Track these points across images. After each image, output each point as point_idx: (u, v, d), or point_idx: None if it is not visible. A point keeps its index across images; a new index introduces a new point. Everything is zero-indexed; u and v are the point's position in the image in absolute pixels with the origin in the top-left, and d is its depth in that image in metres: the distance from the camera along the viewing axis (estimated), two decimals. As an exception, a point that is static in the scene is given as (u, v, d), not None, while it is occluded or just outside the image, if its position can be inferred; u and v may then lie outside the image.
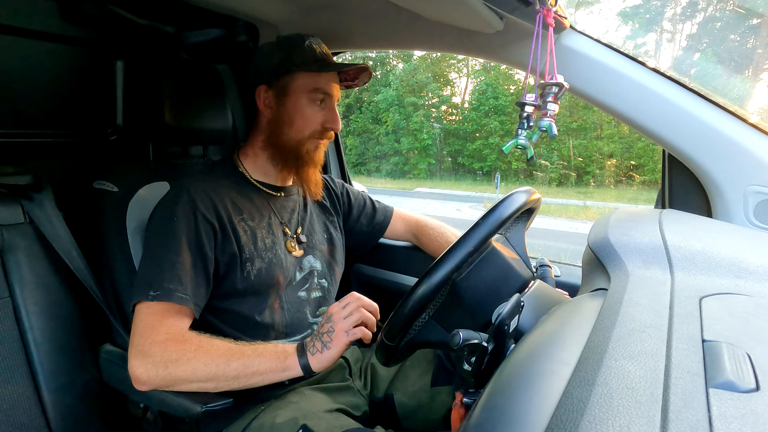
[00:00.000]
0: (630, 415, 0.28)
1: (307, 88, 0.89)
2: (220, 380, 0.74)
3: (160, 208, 0.86)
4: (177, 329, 0.76)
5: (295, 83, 0.89)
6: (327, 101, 0.92)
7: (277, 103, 0.91)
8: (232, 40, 1.31)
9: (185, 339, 0.75)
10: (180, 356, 0.72)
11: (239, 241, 0.86)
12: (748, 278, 0.49)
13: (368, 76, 0.95)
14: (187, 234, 0.81)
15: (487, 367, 0.58)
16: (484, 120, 16.72)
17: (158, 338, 0.74)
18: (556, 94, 0.74)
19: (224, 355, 0.74)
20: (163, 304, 0.76)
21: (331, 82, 0.92)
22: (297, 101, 0.90)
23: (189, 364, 0.72)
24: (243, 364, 0.74)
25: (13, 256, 0.84)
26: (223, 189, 0.89)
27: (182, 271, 0.78)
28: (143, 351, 0.73)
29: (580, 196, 12.21)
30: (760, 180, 0.81)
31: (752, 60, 12.57)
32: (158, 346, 0.73)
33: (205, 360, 0.73)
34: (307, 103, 0.90)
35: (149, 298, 0.76)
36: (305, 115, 0.90)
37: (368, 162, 19.19)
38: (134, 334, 0.76)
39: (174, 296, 0.76)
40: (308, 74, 0.89)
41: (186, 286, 0.78)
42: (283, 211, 0.97)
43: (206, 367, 0.72)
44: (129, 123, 1.19)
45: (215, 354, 0.74)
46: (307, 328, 0.94)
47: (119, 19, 1.13)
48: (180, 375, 0.72)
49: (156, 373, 0.72)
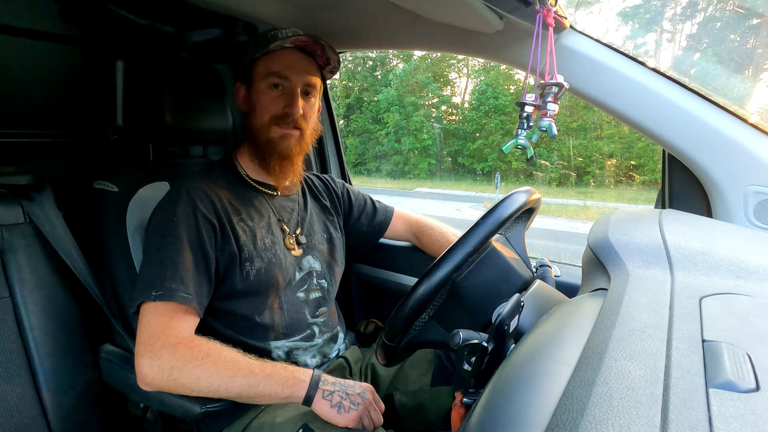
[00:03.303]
0: (630, 415, 0.28)
1: (263, 73, 0.88)
2: (222, 394, 0.74)
3: (159, 209, 0.86)
4: (186, 333, 0.76)
5: (256, 71, 0.89)
6: (286, 85, 0.88)
7: (247, 96, 0.92)
8: (232, 40, 1.31)
9: (194, 345, 0.75)
10: (187, 362, 0.72)
11: (239, 240, 0.86)
12: (748, 278, 0.49)
13: (337, 60, 0.93)
14: (188, 234, 0.81)
15: (487, 367, 0.58)
16: (484, 120, 16.72)
17: (168, 341, 0.74)
18: (556, 94, 0.74)
19: (231, 368, 0.74)
20: (168, 304, 0.76)
21: (290, 66, 0.88)
22: (256, 88, 0.89)
23: (194, 372, 0.72)
24: (248, 382, 0.74)
25: (13, 256, 0.84)
26: (222, 189, 0.89)
27: (184, 270, 0.78)
28: (153, 351, 0.73)
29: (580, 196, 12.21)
30: (760, 180, 0.81)
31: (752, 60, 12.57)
32: (168, 349, 0.73)
33: (211, 370, 0.73)
34: (264, 89, 0.89)
35: (152, 298, 0.76)
36: (262, 101, 0.89)
37: (368, 162, 19.18)
38: (143, 332, 0.75)
39: (176, 296, 0.76)
40: (265, 60, 0.88)
41: (188, 286, 0.78)
42: (282, 211, 0.97)
43: (211, 379, 0.72)
44: (129, 123, 1.19)
45: (222, 366, 0.74)
46: (306, 329, 0.94)
47: (119, 19, 1.13)
48: (183, 382, 0.73)
49: (161, 377, 0.73)
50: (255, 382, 0.74)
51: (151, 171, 1.03)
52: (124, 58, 1.16)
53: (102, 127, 1.17)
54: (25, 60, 1.01)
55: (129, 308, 0.81)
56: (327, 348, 0.97)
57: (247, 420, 0.83)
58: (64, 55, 1.07)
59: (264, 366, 0.76)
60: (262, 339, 0.88)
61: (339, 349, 1.01)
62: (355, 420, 0.77)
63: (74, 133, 1.13)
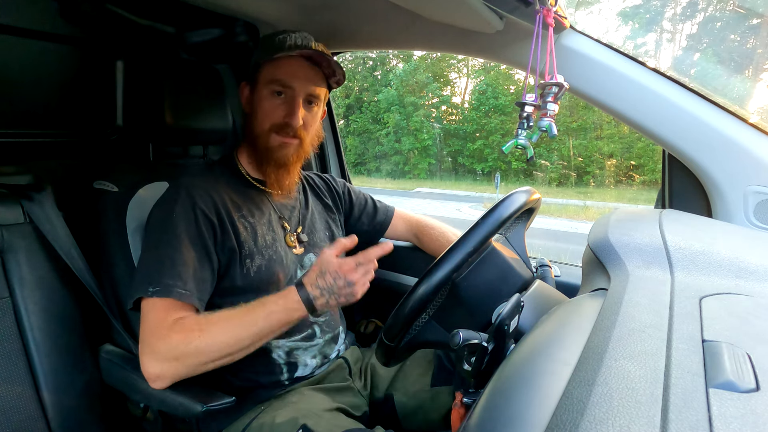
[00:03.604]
0: (630, 415, 0.28)
1: (267, 80, 0.88)
2: (232, 349, 0.75)
3: (158, 206, 0.86)
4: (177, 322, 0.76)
5: (261, 75, 0.89)
6: (288, 94, 0.88)
7: (251, 98, 0.92)
8: (232, 40, 1.31)
9: (185, 324, 0.75)
10: (187, 343, 0.73)
11: (239, 237, 0.86)
12: (748, 278, 0.49)
13: (342, 73, 0.92)
14: (187, 230, 0.81)
15: (487, 367, 0.58)
16: (484, 120, 16.72)
17: (162, 333, 0.74)
18: (556, 94, 0.74)
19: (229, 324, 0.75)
20: (165, 301, 0.76)
21: (294, 75, 0.87)
22: (260, 93, 0.89)
23: (197, 345, 0.73)
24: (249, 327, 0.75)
25: (13, 256, 0.84)
26: (222, 186, 0.89)
27: (182, 266, 0.78)
28: (152, 348, 0.74)
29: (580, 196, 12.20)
30: (760, 180, 0.81)
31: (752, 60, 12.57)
32: (163, 341, 0.73)
33: (209, 337, 0.73)
34: (267, 95, 0.88)
35: (148, 294, 0.76)
36: (264, 107, 0.89)
37: (368, 162, 19.18)
38: (143, 331, 0.76)
39: (173, 292, 0.76)
40: (270, 65, 0.88)
41: (186, 282, 0.77)
42: (283, 209, 0.97)
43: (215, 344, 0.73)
44: (129, 123, 1.19)
45: (220, 327, 0.74)
46: (306, 328, 0.94)
47: (119, 19, 1.13)
48: (190, 360, 0.73)
49: (168, 366, 0.73)
50: (253, 320, 0.75)
51: (151, 171, 1.03)
52: (124, 58, 1.16)
53: (102, 127, 1.16)
54: (25, 60, 1.01)
55: (127, 304, 0.81)
56: (328, 348, 0.97)
57: (247, 420, 0.83)
58: (64, 55, 1.07)
59: (253, 306, 0.77)
60: None
61: (339, 349, 1.01)
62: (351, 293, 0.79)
63: (74, 133, 1.13)
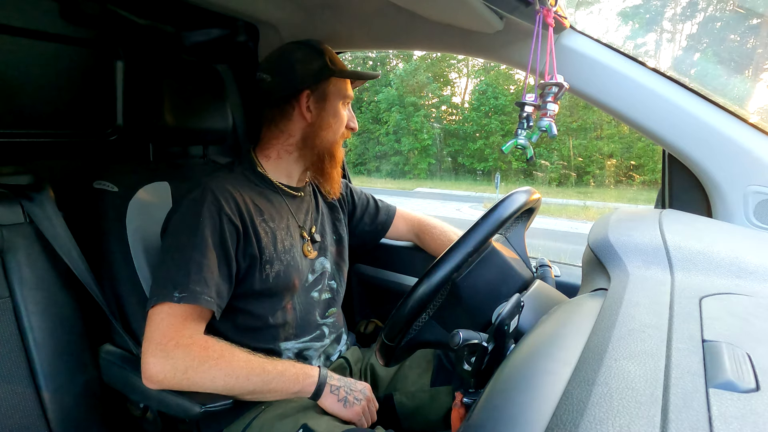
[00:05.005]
0: (630, 415, 0.28)
1: (341, 94, 0.93)
2: (235, 392, 0.76)
3: (185, 206, 0.83)
4: (200, 334, 0.77)
5: (332, 88, 0.92)
6: (348, 104, 0.97)
7: (317, 107, 0.91)
8: (232, 40, 1.31)
9: (208, 345, 0.75)
10: (202, 363, 0.73)
11: (260, 243, 0.85)
12: (748, 278, 0.49)
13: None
14: (212, 234, 0.79)
15: (487, 367, 0.58)
16: (484, 120, 16.72)
17: (183, 341, 0.73)
18: (556, 94, 0.74)
19: (245, 367, 0.76)
20: (189, 307, 0.75)
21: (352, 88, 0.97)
22: (334, 105, 0.92)
23: (209, 372, 0.73)
24: (262, 380, 0.76)
25: (13, 256, 0.84)
26: (245, 189, 0.88)
27: (208, 272, 0.77)
28: (165, 351, 0.73)
29: (580, 196, 12.21)
30: (760, 180, 0.81)
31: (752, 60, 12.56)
32: (182, 349, 0.73)
33: (226, 370, 0.74)
34: (339, 107, 0.94)
35: (175, 300, 0.74)
36: (339, 118, 0.93)
37: (368, 162, 19.18)
38: (155, 331, 0.74)
39: (201, 299, 0.75)
40: (340, 80, 0.92)
41: (211, 288, 0.77)
42: (299, 213, 0.97)
43: (226, 378, 0.74)
44: (129, 123, 1.19)
45: (236, 365, 0.75)
46: (315, 329, 0.94)
47: (119, 19, 1.13)
48: (197, 381, 0.73)
49: (174, 375, 0.72)
50: (268, 380, 0.77)
51: (151, 171, 1.03)
52: (124, 58, 1.16)
53: (102, 127, 1.16)
54: (25, 60, 1.01)
55: (129, 307, 0.81)
56: (331, 349, 0.99)
57: (248, 420, 0.83)
58: (64, 55, 1.07)
59: (275, 364, 0.79)
60: (271, 340, 0.88)
61: (341, 350, 1.01)
62: (358, 414, 0.82)
63: (74, 133, 1.13)
